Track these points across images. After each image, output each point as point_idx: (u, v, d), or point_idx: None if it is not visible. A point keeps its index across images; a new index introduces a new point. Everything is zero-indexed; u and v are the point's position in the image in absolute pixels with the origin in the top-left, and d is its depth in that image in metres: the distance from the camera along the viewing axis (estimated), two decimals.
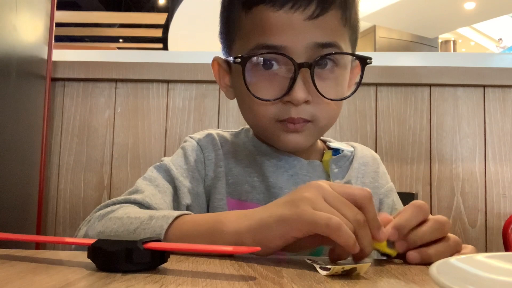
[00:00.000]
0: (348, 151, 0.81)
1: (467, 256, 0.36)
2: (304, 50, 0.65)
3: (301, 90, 0.64)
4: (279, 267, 0.47)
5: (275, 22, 0.65)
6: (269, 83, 0.66)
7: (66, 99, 1.50)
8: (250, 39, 0.67)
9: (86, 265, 0.43)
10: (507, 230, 1.11)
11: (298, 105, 0.65)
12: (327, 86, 0.66)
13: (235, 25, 0.70)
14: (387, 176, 0.83)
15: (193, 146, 0.78)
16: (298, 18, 0.64)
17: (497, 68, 1.44)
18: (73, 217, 1.45)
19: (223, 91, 0.78)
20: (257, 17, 0.67)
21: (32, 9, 1.35)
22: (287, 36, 0.65)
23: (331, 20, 0.66)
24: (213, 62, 0.76)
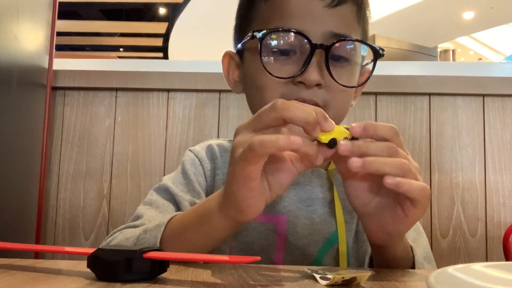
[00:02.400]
0: None
1: (464, 266, 0.36)
2: (320, 37, 0.66)
3: (315, 71, 0.65)
4: (279, 276, 0.47)
5: (295, 8, 0.67)
6: (283, 65, 0.67)
7: (66, 108, 1.50)
8: (267, 24, 0.68)
9: (85, 275, 0.43)
10: (507, 239, 1.11)
11: (310, 87, 0.66)
12: (339, 73, 0.67)
13: (255, 15, 0.72)
14: None
15: (191, 159, 0.79)
16: (317, 5, 0.66)
17: (496, 77, 1.44)
18: (73, 226, 1.45)
19: (230, 86, 0.78)
20: (276, 3, 0.68)
21: (34, 18, 1.36)
22: (305, 22, 0.66)
23: (347, 13, 0.68)
24: (225, 56, 0.77)
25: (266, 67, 0.66)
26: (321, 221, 0.73)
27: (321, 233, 0.72)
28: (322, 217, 0.73)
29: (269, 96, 0.68)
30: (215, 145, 0.81)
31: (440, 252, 1.38)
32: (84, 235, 1.44)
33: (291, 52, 0.67)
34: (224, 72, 0.78)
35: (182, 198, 0.72)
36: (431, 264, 0.72)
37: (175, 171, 0.80)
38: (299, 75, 0.65)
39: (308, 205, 0.74)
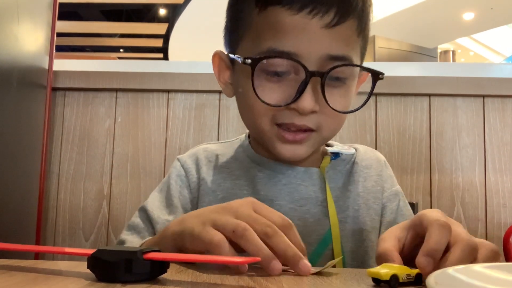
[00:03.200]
0: (348, 154, 0.79)
1: (465, 267, 0.36)
2: (316, 59, 0.63)
3: (310, 99, 0.63)
4: (279, 277, 0.47)
5: (291, 27, 0.62)
6: (277, 88, 0.64)
7: (66, 109, 1.50)
8: (261, 40, 0.64)
9: (85, 276, 0.43)
10: (507, 240, 1.11)
11: (305, 115, 0.64)
12: (335, 97, 0.65)
13: (246, 22, 0.68)
14: (393, 179, 0.81)
15: (177, 171, 0.78)
16: (315, 25, 0.62)
17: (496, 78, 1.44)
18: (73, 227, 1.45)
19: (221, 87, 0.76)
20: (271, 18, 0.64)
21: (34, 19, 1.36)
22: (301, 43, 0.62)
23: (347, 31, 0.64)
24: (214, 56, 0.74)
25: (258, 93, 0.63)
26: (314, 221, 0.72)
27: (315, 234, 0.71)
28: (316, 217, 0.72)
29: (261, 120, 0.67)
30: (201, 152, 0.80)
31: None
32: (84, 235, 1.44)
33: (285, 75, 0.64)
34: (215, 72, 0.76)
35: (157, 220, 0.73)
36: None
37: (163, 181, 0.80)
38: (293, 103, 0.63)
39: (301, 205, 0.73)
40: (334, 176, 0.76)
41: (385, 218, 0.76)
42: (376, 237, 0.74)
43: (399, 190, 0.80)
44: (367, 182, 0.77)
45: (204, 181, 0.76)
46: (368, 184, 0.77)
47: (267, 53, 0.63)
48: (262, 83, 0.64)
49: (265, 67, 0.64)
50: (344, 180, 0.76)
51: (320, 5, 0.62)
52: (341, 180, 0.76)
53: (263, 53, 0.63)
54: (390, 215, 0.76)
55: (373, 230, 0.74)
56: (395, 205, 0.77)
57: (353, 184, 0.76)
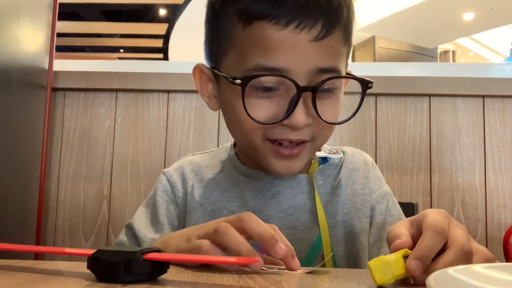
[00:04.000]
0: (336, 158, 0.78)
1: (465, 267, 0.36)
2: (306, 74, 0.62)
3: (302, 114, 0.62)
4: (279, 278, 0.47)
5: (278, 42, 0.61)
6: (267, 105, 0.63)
7: (66, 109, 1.50)
8: (248, 57, 0.63)
9: (85, 276, 0.43)
10: (507, 240, 1.11)
11: (298, 130, 0.63)
12: (326, 108, 0.64)
13: (229, 37, 0.66)
14: (381, 180, 0.80)
15: (163, 187, 0.78)
16: (302, 39, 0.61)
17: (496, 78, 1.44)
18: (73, 227, 1.45)
19: (205, 101, 0.74)
20: (257, 33, 0.62)
21: (34, 19, 1.36)
22: (290, 59, 0.61)
23: (334, 42, 0.64)
24: (195, 70, 0.73)
25: (249, 111, 0.62)
26: (304, 228, 0.72)
27: (305, 241, 0.71)
28: (305, 224, 0.72)
29: (253, 137, 0.66)
30: (187, 165, 0.79)
31: None
32: (84, 236, 1.44)
33: (275, 90, 0.63)
34: (197, 86, 0.74)
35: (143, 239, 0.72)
36: None
37: (149, 195, 0.79)
38: (285, 119, 0.62)
39: (290, 214, 0.73)
40: (323, 181, 0.76)
41: (375, 220, 0.75)
42: (366, 240, 0.74)
43: (387, 191, 0.79)
44: (355, 185, 0.77)
45: (191, 195, 0.75)
46: (356, 187, 0.77)
47: (255, 69, 0.62)
48: (252, 100, 0.63)
49: (254, 84, 0.62)
50: (332, 184, 0.76)
51: (307, 19, 0.61)
52: (329, 185, 0.76)
53: (250, 70, 0.62)
54: (379, 216, 0.76)
55: (362, 233, 0.74)
56: (384, 206, 0.77)
57: (341, 188, 0.76)
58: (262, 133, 0.65)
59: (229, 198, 0.74)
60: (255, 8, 0.62)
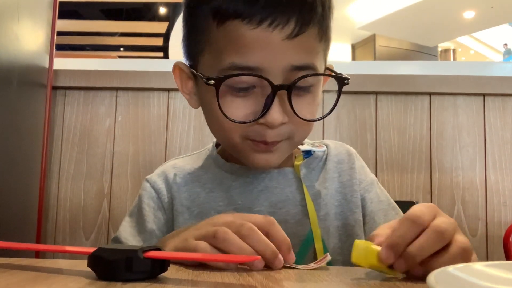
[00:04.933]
0: (320, 151, 0.78)
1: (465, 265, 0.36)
2: (281, 72, 0.62)
3: (277, 112, 0.62)
4: (279, 276, 0.47)
5: (251, 41, 0.61)
6: (243, 105, 0.63)
7: (66, 108, 1.50)
8: (222, 55, 0.63)
9: (86, 274, 0.43)
10: (508, 239, 1.11)
11: (274, 128, 0.63)
12: (302, 105, 0.64)
13: (204, 35, 0.66)
14: (365, 169, 0.81)
15: (149, 194, 0.77)
16: (276, 37, 0.61)
17: (497, 76, 1.44)
18: (73, 226, 1.45)
19: (186, 98, 0.74)
20: (231, 32, 0.62)
21: (34, 18, 1.36)
22: (264, 57, 0.61)
23: (308, 39, 0.63)
24: (174, 68, 0.73)
25: (225, 111, 0.62)
26: (295, 222, 0.72)
27: (297, 235, 0.70)
28: (296, 218, 0.72)
29: (231, 136, 0.66)
30: (170, 169, 0.79)
31: None
32: (84, 234, 1.44)
33: (250, 89, 0.63)
34: (177, 84, 0.74)
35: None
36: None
37: (134, 204, 0.79)
38: (262, 118, 0.62)
39: (280, 208, 0.73)
40: (309, 174, 0.76)
41: (367, 209, 0.76)
42: (361, 230, 0.75)
43: (373, 179, 0.80)
44: (342, 177, 0.77)
45: (177, 199, 0.75)
46: (344, 179, 0.77)
47: (230, 69, 0.62)
48: (227, 99, 0.63)
49: (229, 83, 0.62)
50: (318, 177, 0.76)
51: (280, 17, 0.60)
52: (315, 177, 0.76)
53: (224, 69, 0.62)
54: (370, 204, 0.76)
55: (356, 223, 0.75)
56: (373, 194, 0.78)
57: (329, 181, 0.76)
58: (240, 133, 0.65)
59: (216, 198, 0.74)
60: (228, 7, 0.62)
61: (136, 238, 0.73)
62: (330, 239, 0.72)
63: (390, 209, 0.77)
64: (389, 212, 0.77)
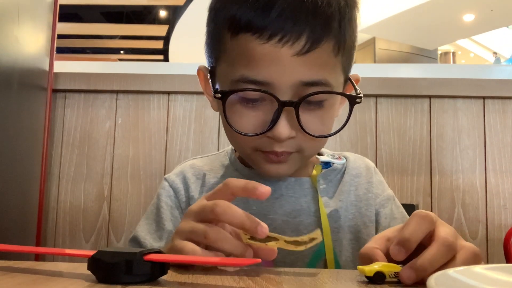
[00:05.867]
0: (339, 163, 0.78)
1: (465, 268, 0.36)
2: (289, 87, 0.62)
3: (284, 128, 0.62)
4: (279, 279, 0.47)
5: (261, 56, 0.61)
6: (252, 117, 0.64)
7: (67, 111, 1.50)
8: (234, 67, 0.64)
9: (86, 277, 0.43)
10: (508, 241, 1.11)
11: (281, 142, 0.64)
12: (313, 121, 0.64)
13: (221, 44, 0.67)
14: (383, 184, 0.80)
15: (167, 193, 0.77)
16: (285, 53, 0.60)
17: (497, 79, 1.44)
18: (73, 228, 1.45)
19: (209, 100, 0.75)
20: (242, 45, 0.62)
21: (34, 21, 1.36)
22: (272, 72, 0.61)
23: (321, 55, 0.62)
24: (199, 71, 0.74)
25: (232, 123, 0.63)
26: (308, 232, 0.72)
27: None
28: (309, 228, 0.71)
29: (243, 148, 0.67)
30: (188, 170, 0.79)
31: None
32: (84, 237, 1.44)
33: (260, 101, 0.63)
34: (202, 86, 0.75)
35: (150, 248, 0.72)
36: None
37: (151, 204, 0.79)
38: (269, 131, 0.62)
39: (294, 217, 0.72)
40: (325, 185, 0.76)
41: (380, 224, 0.75)
42: None
43: (390, 194, 0.79)
44: (359, 191, 0.77)
45: (194, 199, 0.75)
46: (360, 192, 0.76)
47: (240, 81, 0.62)
48: (237, 110, 0.64)
49: (237, 99, 0.63)
50: (335, 189, 0.76)
51: (289, 33, 0.60)
52: (332, 189, 0.76)
53: (235, 81, 0.63)
54: (384, 220, 0.75)
55: (369, 238, 0.73)
56: (388, 209, 0.77)
57: (345, 193, 0.75)
58: (250, 143, 0.66)
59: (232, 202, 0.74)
60: (241, 18, 0.62)
61: (153, 236, 0.74)
62: (342, 251, 0.72)
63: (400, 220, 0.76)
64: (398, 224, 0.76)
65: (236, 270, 0.51)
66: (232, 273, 0.49)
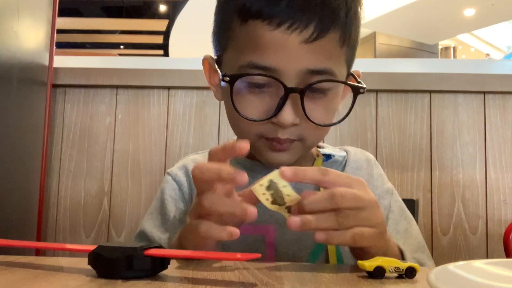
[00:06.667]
0: (340, 156, 0.79)
1: (465, 263, 0.36)
2: (296, 74, 0.63)
3: (289, 114, 0.63)
4: (280, 274, 0.47)
5: (269, 42, 0.62)
6: (258, 103, 0.65)
7: (67, 106, 1.50)
8: (242, 53, 0.65)
9: (86, 272, 0.43)
10: (508, 237, 1.11)
11: (285, 128, 0.64)
12: (317, 110, 0.65)
13: (229, 32, 0.68)
14: (383, 177, 0.81)
15: (170, 186, 0.78)
16: (293, 40, 0.62)
17: (497, 74, 1.44)
18: (73, 224, 1.45)
19: (212, 91, 0.76)
20: (251, 32, 0.64)
21: (34, 15, 1.36)
22: (280, 59, 0.62)
23: (328, 44, 0.64)
24: (204, 61, 0.75)
25: (238, 108, 0.64)
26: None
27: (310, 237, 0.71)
28: None
29: (246, 135, 0.68)
30: (190, 163, 0.80)
31: (440, 249, 1.39)
32: (85, 232, 1.45)
33: (266, 87, 0.64)
34: (206, 76, 0.76)
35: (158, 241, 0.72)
36: (424, 253, 0.73)
37: (155, 199, 0.80)
38: (274, 117, 0.63)
39: None
40: None
41: None
42: None
43: (390, 187, 0.80)
44: None
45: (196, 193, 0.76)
46: None
47: (248, 67, 0.64)
48: (244, 96, 0.65)
49: (246, 80, 0.64)
50: None
51: (299, 21, 0.61)
52: None
53: (243, 67, 0.64)
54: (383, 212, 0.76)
55: None
56: (387, 201, 0.77)
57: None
58: (254, 130, 0.67)
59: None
60: (252, 6, 0.63)
61: (160, 229, 0.74)
62: None
63: (401, 219, 0.77)
64: (400, 222, 0.76)
65: (236, 265, 0.51)
66: (232, 268, 0.49)
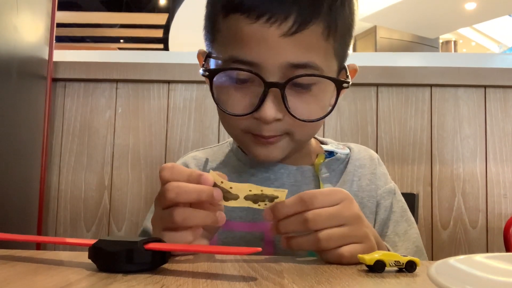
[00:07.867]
0: (342, 153, 0.78)
1: (465, 257, 0.36)
2: (278, 68, 0.61)
3: (270, 109, 0.61)
4: (280, 267, 0.47)
5: (249, 36, 0.61)
6: (240, 97, 0.64)
7: (67, 100, 1.50)
8: (226, 47, 0.64)
9: (86, 266, 0.43)
10: (508, 230, 1.11)
11: (268, 124, 0.63)
12: (299, 104, 0.63)
13: (216, 25, 0.67)
14: (386, 177, 0.80)
15: None
16: (273, 33, 0.60)
17: (498, 68, 1.43)
18: (74, 217, 1.45)
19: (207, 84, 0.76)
20: (232, 25, 0.63)
21: (33, 9, 1.36)
22: (260, 53, 0.61)
23: (309, 37, 0.61)
24: (198, 55, 0.74)
25: (221, 103, 0.64)
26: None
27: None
28: None
29: (232, 130, 0.68)
30: (191, 161, 0.80)
31: (440, 243, 1.39)
32: (85, 226, 1.45)
33: (248, 82, 0.63)
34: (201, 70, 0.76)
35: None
36: (421, 258, 0.72)
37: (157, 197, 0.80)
38: (256, 112, 0.62)
39: None
40: (328, 174, 0.75)
41: (379, 216, 0.75)
42: None
43: (392, 187, 0.79)
44: (362, 181, 0.76)
45: None
46: (363, 183, 0.76)
47: (229, 61, 0.63)
48: (226, 90, 0.64)
49: (225, 78, 0.64)
50: (337, 179, 0.76)
51: (277, 14, 0.60)
52: (334, 179, 0.75)
53: (226, 61, 0.64)
54: (383, 212, 0.75)
55: None
56: (388, 202, 0.76)
57: (348, 183, 0.75)
58: (240, 125, 0.66)
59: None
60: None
61: None
62: None
63: (402, 220, 0.76)
64: (401, 223, 0.75)
65: (236, 258, 0.51)
66: (232, 261, 0.49)
